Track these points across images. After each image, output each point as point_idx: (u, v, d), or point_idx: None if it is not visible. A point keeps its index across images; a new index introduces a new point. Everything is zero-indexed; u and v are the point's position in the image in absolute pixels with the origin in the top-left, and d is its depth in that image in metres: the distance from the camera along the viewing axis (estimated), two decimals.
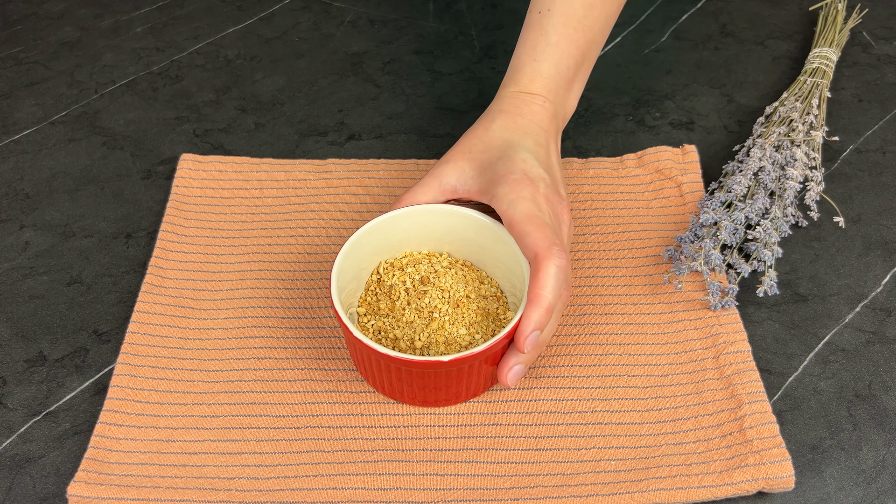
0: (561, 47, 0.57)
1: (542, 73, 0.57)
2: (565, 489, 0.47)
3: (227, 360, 0.54)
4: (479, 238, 0.54)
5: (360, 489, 0.48)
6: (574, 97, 0.60)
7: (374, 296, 0.54)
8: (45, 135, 0.69)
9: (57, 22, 0.80)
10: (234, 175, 0.64)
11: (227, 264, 0.59)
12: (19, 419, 0.52)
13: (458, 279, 0.53)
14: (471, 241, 0.55)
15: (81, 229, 0.62)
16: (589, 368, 0.53)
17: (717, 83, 0.72)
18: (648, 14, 0.79)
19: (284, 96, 0.72)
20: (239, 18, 0.80)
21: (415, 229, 0.55)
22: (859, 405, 0.51)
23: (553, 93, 0.57)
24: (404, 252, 0.56)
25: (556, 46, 0.57)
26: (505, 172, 0.51)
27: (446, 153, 0.55)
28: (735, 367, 0.52)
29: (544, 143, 0.55)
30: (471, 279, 0.54)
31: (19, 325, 0.56)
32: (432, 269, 0.54)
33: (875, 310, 0.56)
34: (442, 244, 0.56)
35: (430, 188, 0.54)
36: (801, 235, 0.60)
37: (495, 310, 0.53)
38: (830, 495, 0.48)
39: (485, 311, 0.53)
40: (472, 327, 0.51)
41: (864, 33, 0.76)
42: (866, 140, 0.67)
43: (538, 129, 0.55)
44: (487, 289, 0.54)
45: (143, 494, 0.47)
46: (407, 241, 0.55)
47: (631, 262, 0.58)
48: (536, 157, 0.53)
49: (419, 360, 0.46)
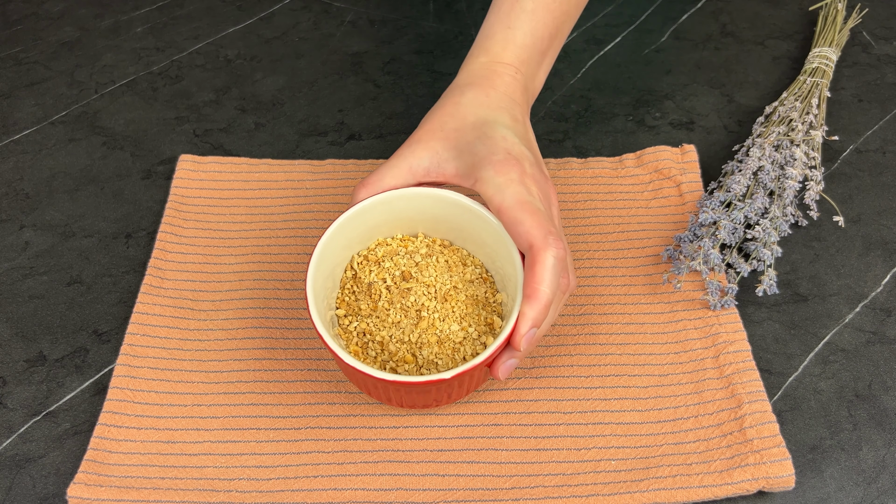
0: (537, 16, 0.54)
1: (516, 42, 0.53)
2: (566, 489, 0.47)
3: (227, 360, 0.54)
4: (456, 219, 0.51)
5: (360, 490, 0.48)
6: (543, 73, 0.57)
7: (353, 294, 0.51)
8: (45, 135, 0.69)
9: (57, 22, 0.80)
10: (232, 175, 0.64)
11: (226, 265, 0.59)
12: (19, 419, 0.52)
13: (440, 269, 0.51)
14: (447, 221, 0.52)
15: (81, 229, 0.62)
16: (589, 368, 0.53)
17: (717, 83, 0.72)
18: (648, 14, 0.79)
19: (284, 96, 0.72)
20: (239, 18, 0.80)
21: (386, 217, 0.51)
22: (859, 405, 0.51)
23: (525, 64, 0.54)
24: (376, 240, 0.53)
25: (531, 14, 0.54)
26: (487, 153, 0.48)
27: (414, 133, 0.51)
28: (735, 367, 0.52)
29: (520, 117, 0.52)
30: (453, 264, 0.52)
31: (19, 325, 0.56)
32: (412, 262, 0.51)
33: (875, 310, 0.56)
34: (416, 226, 0.53)
35: (399, 171, 0.50)
36: (800, 235, 0.60)
37: (484, 294, 0.51)
38: (830, 495, 0.48)
39: (474, 299, 0.51)
40: (464, 320, 0.50)
41: (864, 33, 0.76)
42: (866, 140, 0.67)
43: (512, 103, 0.52)
44: (472, 271, 0.52)
45: (143, 496, 0.47)
46: (377, 229, 0.52)
47: (630, 261, 0.58)
48: (515, 133, 0.50)
49: (422, 381, 0.44)
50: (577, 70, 0.74)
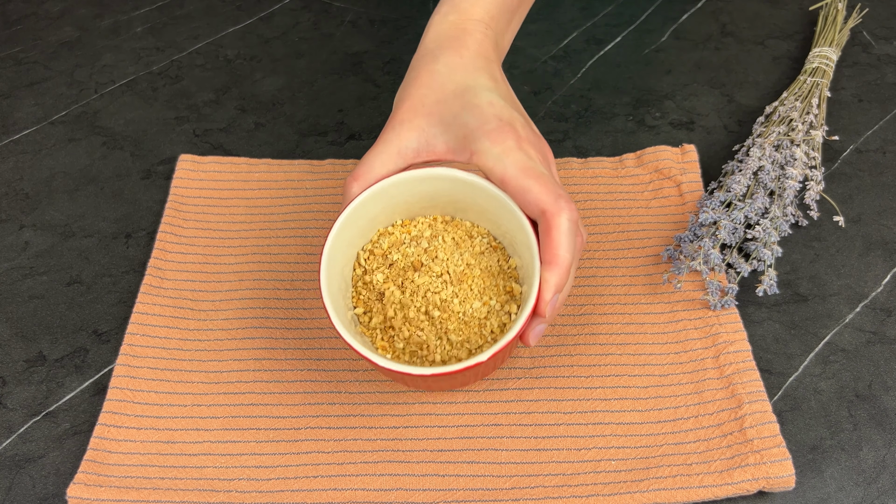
0: None
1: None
2: (566, 489, 0.47)
3: (227, 360, 0.54)
4: (454, 194, 0.50)
5: (360, 490, 0.48)
6: (511, 34, 0.54)
7: (367, 290, 0.51)
8: (45, 135, 0.69)
9: (57, 22, 0.80)
10: (232, 175, 0.64)
11: (225, 265, 0.59)
12: (19, 419, 0.51)
13: (449, 249, 0.50)
14: (446, 198, 0.51)
15: (81, 229, 0.62)
16: (589, 368, 0.53)
17: (717, 83, 0.72)
18: (648, 14, 0.79)
19: (284, 96, 0.72)
20: (239, 18, 0.80)
21: (382, 206, 0.50)
22: (859, 405, 0.51)
23: (495, 20, 0.51)
24: (378, 231, 0.52)
25: None
26: (478, 124, 0.46)
27: (394, 112, 0.49)
28: (735, 367, 0.52)
29: (499, 76, 0.50)
30: (460, 239, 0.51)
31: (19, 325, 0.56)
32: (420, 249, 0.50)
33: (875, 310, 0.56)
34: (414, 209, 0.52)
35: (387, 157, 0.48)
36: (801, 235, 0.60)
37: (497, 263, 0.50)
38: (830, 495, 0.48)
39: (489, 271, 0.50)
40: (484, 295, 0.49)
41: (864, 33, 0.76)
42: (866, 140, 0.67)
43: (487, 62, 0.49)
44: (480, 242, 0.51)
45: (143, 496, 0.47)
46: (376, 220, 0.51)
47: (630, 261, 0.58)
48: (500, 94, 0.48)
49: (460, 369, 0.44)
50: (577, 70, 0.74)
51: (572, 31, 0.78)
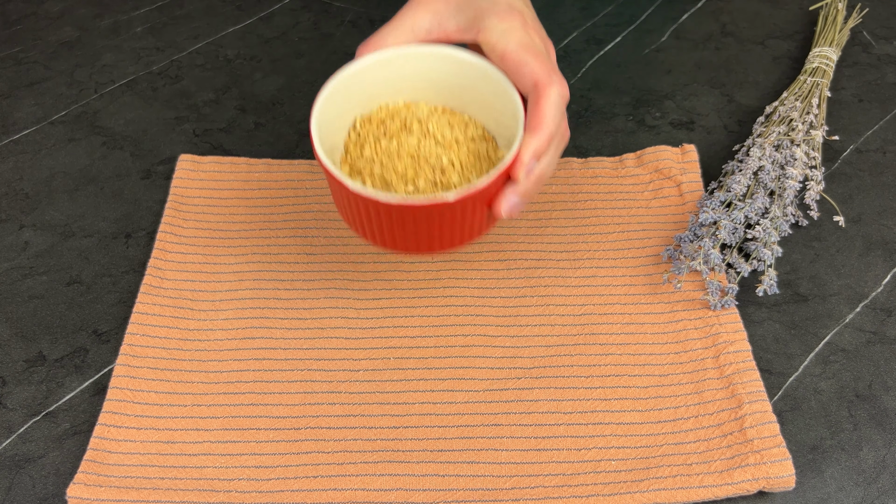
0: None
1: None
2: (566, 489, 0.47)
3: (227, 360, 0.54)
4: (460, 79, 0.51)
5: (360, 490, 0.48)
6: None
7: (358, 148, 0.51)
8: (45, 135, 0.69)
9: (57, 22, 0.80)
10: (232, 175, 0.64)
11: (225, 265, 0.59)
12: (19, 419, 0.51)
13: (443, 125, 0.51)
14: (450, 83, 0.51)
15: (81, 229, 0.62)
16: (589, 368, 0.53)
17: (718, 83, 0.72)
18: (648, 14, 0.79)
19: (284, 96, 0.72)
20: (239, 18, 0.80)
21: (386, 76, 0.51)
22: (860, 405, 0.51)
23: None
24: (378, 105, 0.52)
25: None
26: (489, 6, 0.48)
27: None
28: (735, 367, 0.52)
29: None
30: (456, 124, 0.51)
31: (19, 325, 0.56)
32: (414, 117, 0.51)
33: (875, 310, 0.56)
34: (417, 92, 0.52)
35: (401, 31, 0.49)
36: (801, 235, 0.60)
37: (486, 150, 0.51)
38: (831, 495, 0.48)
39: (476, 154, 0.50)
40: (465, 170, 0.49)
41: (864, 33, 0.76)
42: (866, 140, 0.67)
43: None
44: (474, 131, 0.51)
45: (143, 496, 0.47)
46: (379, 95, 0.52)
47: (630, 261, 0.58)
48: None
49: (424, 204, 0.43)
50: (577, 70, 0.74)
51: (572, 31, 0.78)
